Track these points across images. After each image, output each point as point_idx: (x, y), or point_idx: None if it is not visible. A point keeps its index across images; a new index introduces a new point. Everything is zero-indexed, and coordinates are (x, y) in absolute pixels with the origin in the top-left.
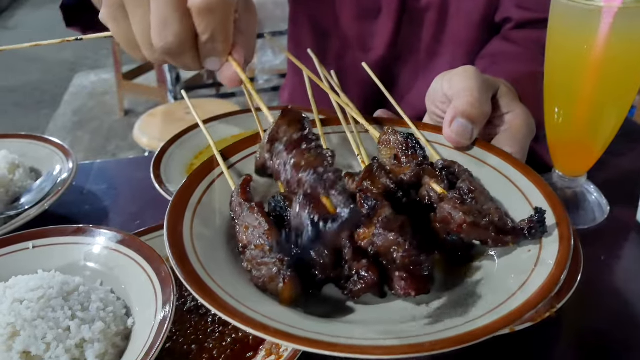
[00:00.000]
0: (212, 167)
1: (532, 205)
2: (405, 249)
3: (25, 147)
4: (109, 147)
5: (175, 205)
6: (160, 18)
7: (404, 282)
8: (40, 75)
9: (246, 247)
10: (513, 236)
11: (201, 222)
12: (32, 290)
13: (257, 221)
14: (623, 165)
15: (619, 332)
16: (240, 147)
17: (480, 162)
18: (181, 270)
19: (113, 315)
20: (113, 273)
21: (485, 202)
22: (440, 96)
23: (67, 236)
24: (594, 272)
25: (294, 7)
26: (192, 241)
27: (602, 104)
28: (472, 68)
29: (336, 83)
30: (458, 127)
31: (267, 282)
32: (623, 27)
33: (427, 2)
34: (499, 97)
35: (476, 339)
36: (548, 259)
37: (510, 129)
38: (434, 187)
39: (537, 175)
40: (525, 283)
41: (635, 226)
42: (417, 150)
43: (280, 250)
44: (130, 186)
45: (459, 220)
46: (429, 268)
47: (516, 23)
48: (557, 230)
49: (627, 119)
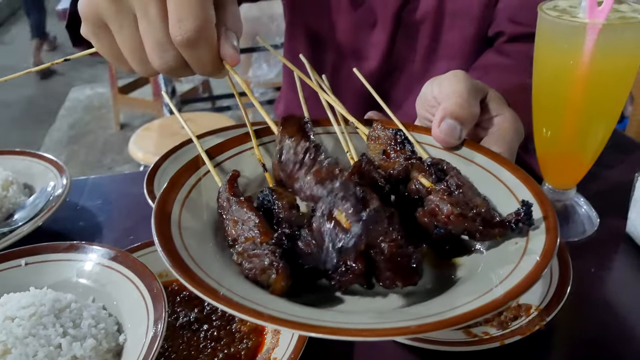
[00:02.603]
0: (198, 164)
1: (519, 201)
2: (392, 238)
3: (19, 164)
4: (104, 161)
5: (163, 199)
6: (156, 42)
7: (391, 273)
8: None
9: (236, 240)
10: (500, 228)
11: (189, 215)
12: (24, 308)
13: (246, 215)
14: (612, 177)
15: (609, 344)
16: (226, 147)
17: (468, 161)
18: (169, 260)
19: (104, 332)
20: (105, 289)
21: (472, 196)
22: (430, 100)
23: (59, 253)
24: (583, 284)
25: (290, 19)
26: (180, 234)
27: (589, 117)
28: (462, 72)
29: (327, 86)
30: (446, 127)
31: (258, 273)
32: (607, 42)
33: (422, 15)
34: (488, 100)
35: (461, 322)
36: (535, 250)
37: (498, 130)
38: (422, 181)
39: (524, 172)
40: (511, 272)
41: (624, 238)
42: (405, 145)
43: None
44: (124, 202)
45: (447, 212)
46: (417, 260)
47: (509, 37)
48: (544, 223)
49: (616, 131)
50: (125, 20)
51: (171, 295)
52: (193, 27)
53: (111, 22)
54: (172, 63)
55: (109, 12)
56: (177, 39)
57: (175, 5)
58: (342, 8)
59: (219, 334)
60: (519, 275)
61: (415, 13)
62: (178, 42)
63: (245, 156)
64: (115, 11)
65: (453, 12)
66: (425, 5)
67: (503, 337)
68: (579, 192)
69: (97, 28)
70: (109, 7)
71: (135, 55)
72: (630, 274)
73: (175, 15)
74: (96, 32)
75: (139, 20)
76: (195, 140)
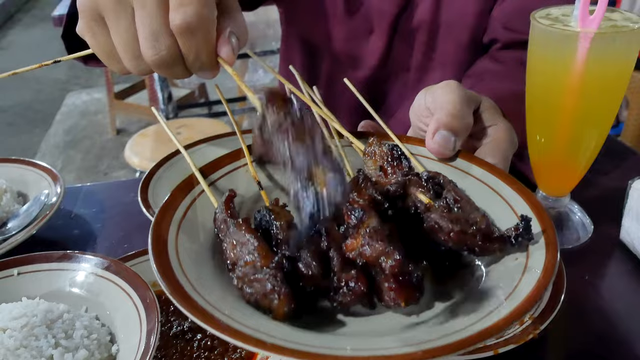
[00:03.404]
0: (192, 184)
1: (517, 214)
2: (394, 258)
3: (12, 172)
4: (100, 166)
5: (158, 221)
6: (150, 31)
7: (393, 292)
8: (32, 94)
9: (235, 264)
10: (500, 243)
11: (186, 237)
12: (16, 319)
13: (245, 237)
14: (606, 183)
15: (603, 352)
16: (219, 165)
17: (464, 173)
18: (169, 288)
19: (97, 342)
20: (98, 299)
21: (471, 211)
22: (424, 110)
23: (52, 262)
24: (577, 292)
25: (286, 27)
26: (177, 257)
27: (583, 125)
28: (455, 82)
29: (319, 98)
30: (440, 138)
31: (260, 298)
32: (599, 50)
33: (417, 23)
34: (482, 111)
35: (467, 346)
36: (535, 266)
37: (492, 141)
38: (420, 197)
39: (521, 184)
40: (513, 291)
41: (618, 245)
42: (402, 161)
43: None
44: (118, 209)
45: (447, 229)
46: (418, 277)
47: (503, 44)
48: (543, 237)
49: (610, 137)
50: (123, 12)
51: (165, 304)
52: (194, 12)
53: (109, 14)
54: (165, 53)
55: (108, 4)
56: (177, 22)
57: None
58: (338, 17)
59: (213, 343)
60: (521, 294)
61: (411, 21)
62: (177, 27)
63: (239, 173)
64: (115, 3)
65: (448, 20)
66: (421, 14)
67: (497, 345)
68: (573, 199)
69: (93, 22)
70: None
71: (128, 49)
72: (624, 281)
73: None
74: (92, 26)
75: (136, 12)
76: (184, 152)
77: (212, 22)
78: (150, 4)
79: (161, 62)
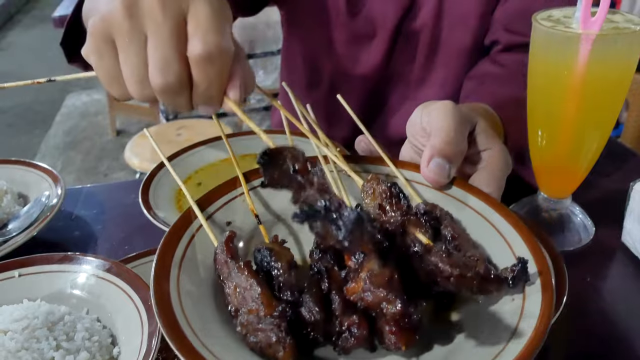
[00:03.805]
0: (190, 219)
1: (513, 252)
2: (396, 305)
3: (13, 173)
4: (100, 167)
5: (159, 263)
6: (161, 56)
7: (394, 337)
8: (32, 96)
9: (238, 310)
10: (497, 284)
11: (187, 278)
12: (17, 321)
13: (247, 282)
14: (608, 185)
15: (605, 353)
16: (215, 196)
17: (461, 204)
18: (174, 341)
19: (98, 344)
20: (99, 301)
21: (468, 249)
22: (419, 130)
23: (53, 264)
24: (579, 294)
25: (288, 29)
26: (180, 304)
27: (584, 127)
28: (451, 104)
29: (313, 119)
30: (435, 166)
31: (264, 347)
32: (601, 52)
33: (420, 25)
34: (477, 133)
35: None
36: (532, 311)
37: (487, 166)
38: (419, 237)
39: (516, 217)
40: (511, 339)
41: (620, 247)
42: (401, 200)
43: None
44: (119, 211)
45: (446, 274)
46: (417, 319)
47: (504, 46)
48: (540, 279)
49: (611, 139)
50: (136, 36)
51: None
52: (215, 43)
53: (121, 37)
54: (173, 80)
55: (122, 28)
56: (197, 52)
57: (200, 21)
58: (340, 20)
59: None
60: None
61: (413, 24)
62: (197, 55)
63: (236, 204)
64: (128, 28)
65: (451, 22)
66: (424, 17)
67: None
68: (574, 201)
69: (103, 44)
70: (122, 23)
71: (135, 73)
72: (625, 283)
73: (201, 29)
74: (100, 47)
75: (149, 37)
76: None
77: (230, 57)
78: (165, 31)
79: (167, 89)
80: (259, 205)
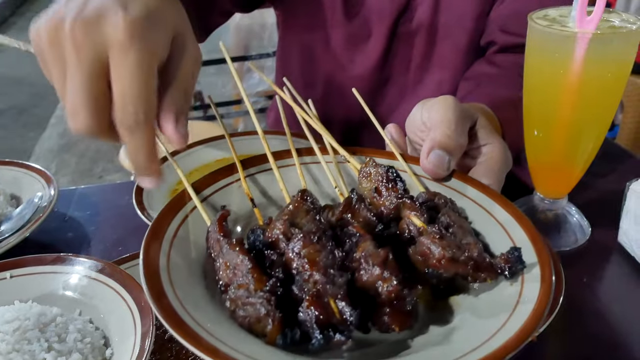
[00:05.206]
0: (184, 200)
1: (511, 238)
2: (391, 283)
3: (6, 174)
4: (95, 170)
5: (150, 238)
6: (71, 104)
7: (388, 317)
8: (26, 98)
9: (228, 285)
10: (490, 273)
11: (178, 255)
12: (8, 322)
13: (238, 259)
14: (604, 186)
15: (602, 354)
16: (212, 180)
17: (460, 194)
18: (160, 310)
19: (91, 346)
20: (92, 302)
21: (464, 236)
22: (419, 125)
23: (45, 265)
24: (576, 295)
25: (283, 30)
26: (169, 278)
27: (580, 127)
28: (451, 98)
29: (314, 114)
30: (435, 158)
31: (253, 322)
32: (597, 51)
33: (416, 26)
34: (477, 128)
35: None
36: (529, 296)
37: (487, 160)
38: (413, 220)
39: (515, 207)
40: (506, 321)
41: (616, 247)
42: (397, 183)
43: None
44: (113, 212)
45: (438, 255)
46: (413, 303)
47: (500, 47)
48: (538, 265)
49: (607, 140)
50: (56, 68)
51: None
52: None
53: (48, 64)
54: (83, 129)
55: (48, 55)
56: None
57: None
58: (336, 20)
59: None
60: (514, 326)
61: (410, 24)
62: (119, 123)
63: (232, 189)
64: (53, 57)
65: (447, 23)
66: (420, 17)
67: None
68: (570, 202)
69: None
70: (48, 49)
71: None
72: (622, 284)
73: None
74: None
75: (67, 77)
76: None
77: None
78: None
79: (79, 133)
80: (255, 191)
